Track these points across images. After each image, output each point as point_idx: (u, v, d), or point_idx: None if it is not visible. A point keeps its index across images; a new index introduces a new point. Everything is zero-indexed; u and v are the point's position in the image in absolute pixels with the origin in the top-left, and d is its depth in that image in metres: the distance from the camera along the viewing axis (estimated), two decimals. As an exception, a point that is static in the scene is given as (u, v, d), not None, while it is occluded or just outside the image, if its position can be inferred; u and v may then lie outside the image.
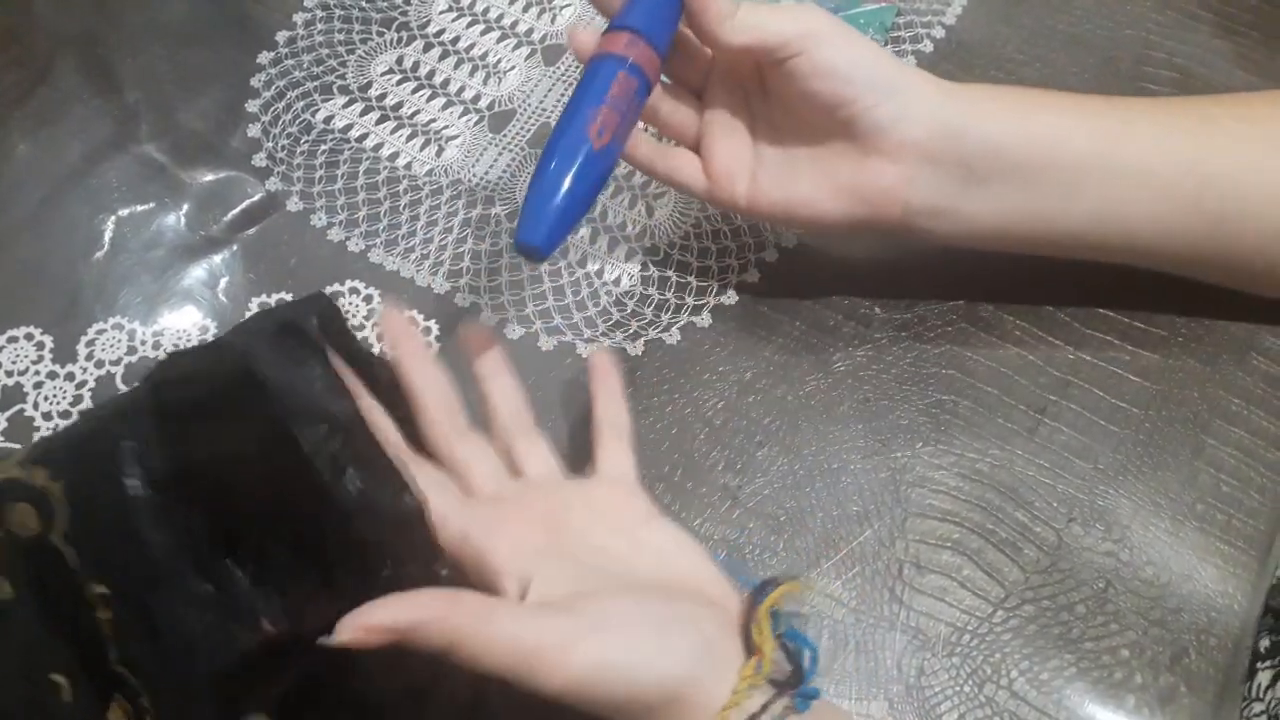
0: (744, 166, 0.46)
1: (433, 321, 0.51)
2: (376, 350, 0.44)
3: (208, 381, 0.34)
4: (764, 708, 0.34)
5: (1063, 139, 0.43)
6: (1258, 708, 0.41)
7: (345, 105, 0.57)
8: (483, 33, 0.60)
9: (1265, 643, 0.42)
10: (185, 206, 0.54)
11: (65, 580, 0.33)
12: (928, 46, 0.58)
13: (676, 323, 0.51)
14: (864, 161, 0.43)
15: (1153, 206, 0.43)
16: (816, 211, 0.45)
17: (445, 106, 0.57)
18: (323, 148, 0.56)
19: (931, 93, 0.43)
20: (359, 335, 0.44)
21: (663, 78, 0.45)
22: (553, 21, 0.60)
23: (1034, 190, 0.43)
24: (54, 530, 0.33)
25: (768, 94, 0.45)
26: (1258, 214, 0.43)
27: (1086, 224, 0.44)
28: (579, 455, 0.47)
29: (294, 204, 0.54)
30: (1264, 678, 0.41)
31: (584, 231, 0.53)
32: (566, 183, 0.39)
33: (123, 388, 0.49)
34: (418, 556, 0.33)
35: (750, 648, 0.35)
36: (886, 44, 0.58)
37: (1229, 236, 0.44)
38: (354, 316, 0.51)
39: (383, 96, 0.57)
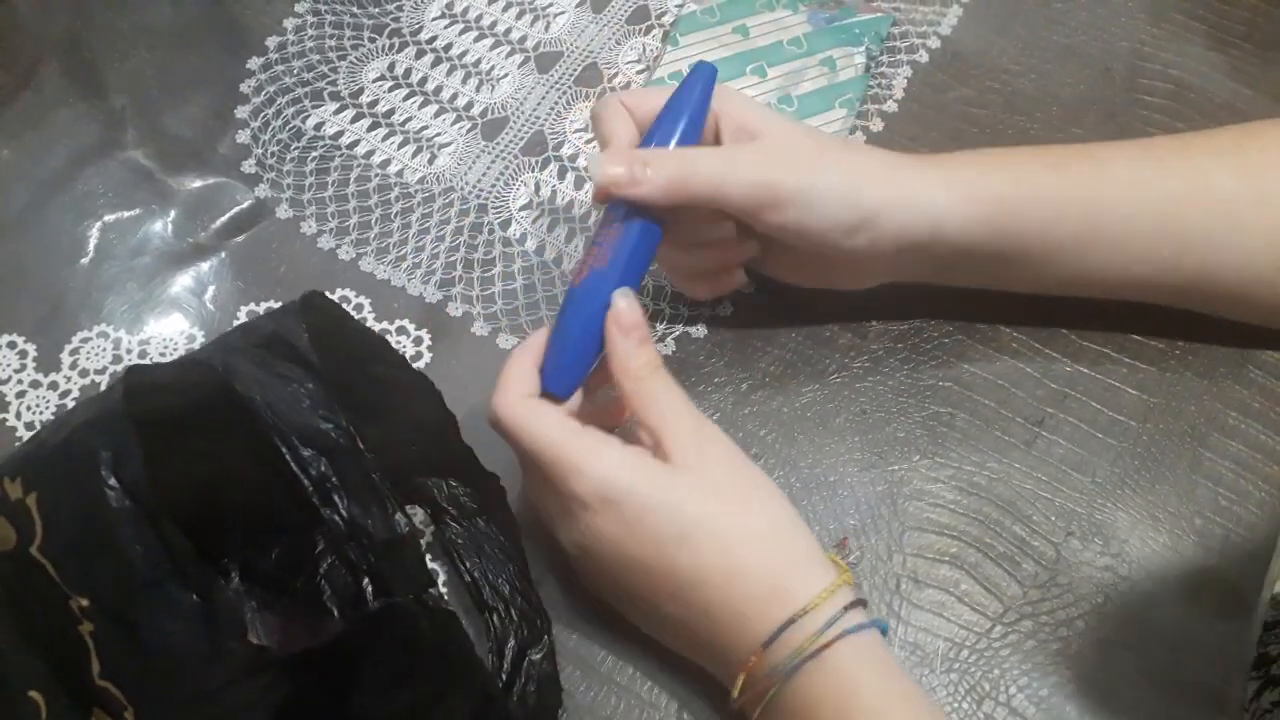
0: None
1: (424, 331, 0.50)
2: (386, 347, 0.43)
3: (185, 396, 0.33)
4: (853, 603, 0.36)
5: (1040, 227, 0.43)
6: (1245, 718, 0.41)
7: (336, 112, 0.56)
8: (476, 40, 0.59)
9: (1253, 655, 0.42)
10: (172, 213, 0.54)
11: (46, 594, 0.32)
12: (923, 57, 0.58)
13: (671, 333, 0.50)
14: (839, 271, 0.46)
15: (1126, 269, 0.45)
16: (822, 285, 0.48)
17: (438, 113, 0.57)
18: (313, 154, 0.55)
19: (897, 213, 0.42)
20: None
21: None
22: (546, 29, 0.60)
23: (1006, 268, 0.45)
24: (32, 543, 0.32)
25: None
26: (1238, 264, 0.44)
27: (1063, 284, 0.46)
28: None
29: (284, 211, 0.53)
30: (1249, 689, 0.42)
31: (579, 241, 0.53)
32: (558, 327, 0.41)
33: (107, 397, 0.49)
34: (408, 579, 0.32)
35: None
36: (882, 53, 0.58)
37: (1207, 283, 0.44)
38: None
39: (374, 103, 0.57)
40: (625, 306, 0.40)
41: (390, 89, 0.57)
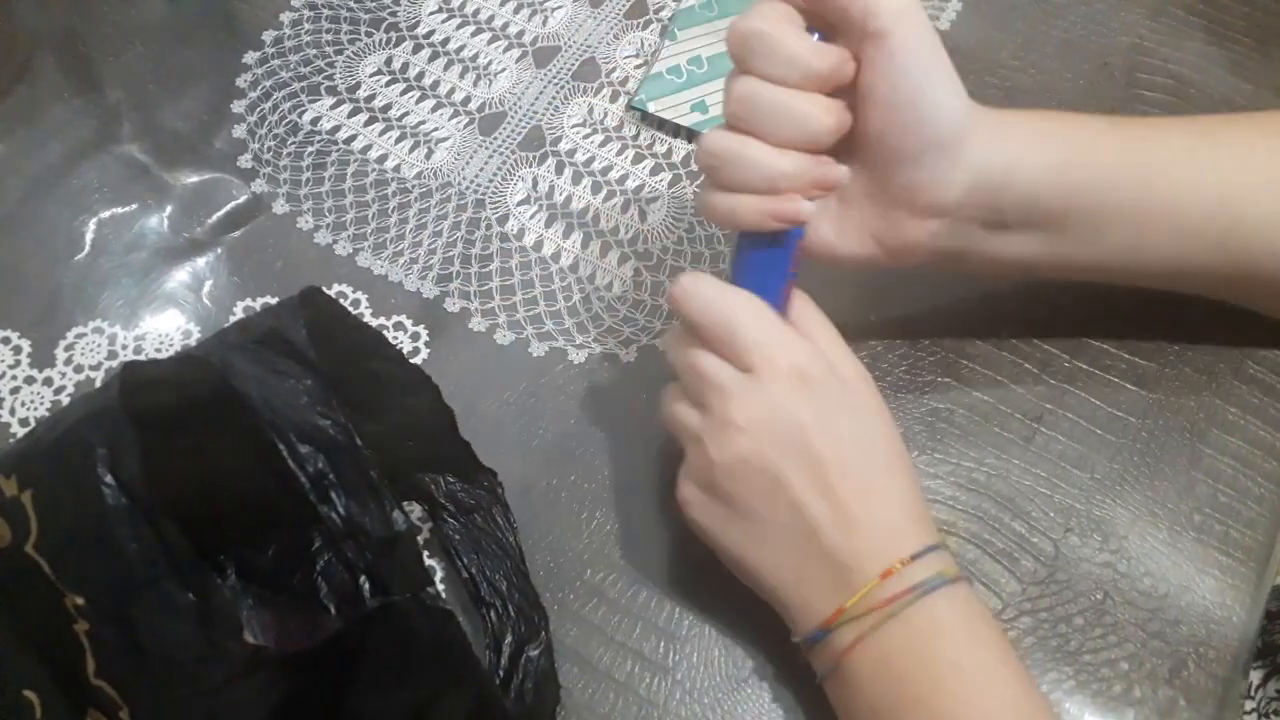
0: None
1: (421, 326, 0.50)
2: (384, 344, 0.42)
3: (181, 392, 0.33)
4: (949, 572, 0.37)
5: (1099, 188, 0.42)
6: (1249, 705, 0.41)
7: (333, 107, 0.56)
8: (473, 34, 0.59)
9: (1259, 643, 0.42)
10: (168, 208, 0.53)
11: (41, 592, 0.32)
12: (922, 52, 0.57)
13: (670, 328, 0.50)
14: (891, 216, 0.42)
15: (1177, 244, 0.43)
16: (835, 253, 0.43)
17: (435, 108, 0.56)
18: (310, 149, 0.55)
19: (979, 145, 0.41)
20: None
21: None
22: (544, 24, 0.59)
23: (1060, 235, 0.43)
24: (27, 541, 0.32)
25: None
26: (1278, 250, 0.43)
27: (1107, 261, 0.44)
28: (571, 462, 0.46)
29: (280, 206, 0.53)
30: (1255, 676, 0.42)
31: (576, 236, 0.52)
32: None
33: (102, 393, 0.48)
34: (405, 577, 0.32)
35: None
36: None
37: (1250, 269, 0.43)
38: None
39: (371, 98, 0.57)
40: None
41: (387, 84, 0.57)
